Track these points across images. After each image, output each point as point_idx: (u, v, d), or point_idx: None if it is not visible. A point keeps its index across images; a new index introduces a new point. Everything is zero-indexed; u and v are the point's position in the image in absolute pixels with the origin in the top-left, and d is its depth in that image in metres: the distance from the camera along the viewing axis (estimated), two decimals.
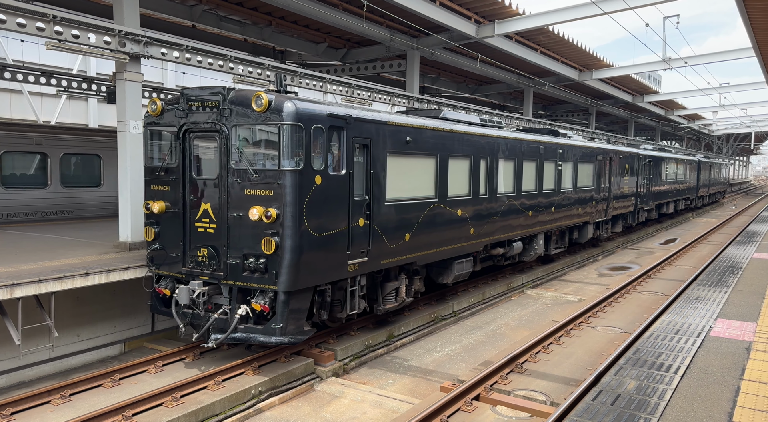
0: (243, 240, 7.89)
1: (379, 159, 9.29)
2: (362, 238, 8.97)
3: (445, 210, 11.16)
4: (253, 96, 7.63)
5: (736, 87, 34.11)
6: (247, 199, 7.82)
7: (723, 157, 54.87)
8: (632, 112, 40.55)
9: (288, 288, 7.72)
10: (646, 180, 24.89)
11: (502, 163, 13.27)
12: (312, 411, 7.56)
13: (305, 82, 13.53)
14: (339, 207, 8.44)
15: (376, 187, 9.25)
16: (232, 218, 7.94)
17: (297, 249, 7.72)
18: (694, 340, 8.14)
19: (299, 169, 7.67)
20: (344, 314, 9.07)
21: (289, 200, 7.62)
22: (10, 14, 8.29)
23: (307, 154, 7.75)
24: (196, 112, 8.22)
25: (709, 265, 15.88)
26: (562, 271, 17.41)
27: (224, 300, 8.17)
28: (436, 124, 10.90)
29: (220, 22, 16.82)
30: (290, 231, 7.65)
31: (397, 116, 9.98)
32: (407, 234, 10.06)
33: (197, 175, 8.41)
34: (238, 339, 7.94)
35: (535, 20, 17.03)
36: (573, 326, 11.11)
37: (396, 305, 10.24)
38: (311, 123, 7.83)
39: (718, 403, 5.98)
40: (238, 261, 7.89)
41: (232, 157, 7.92)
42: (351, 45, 20.16)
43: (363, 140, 8.93)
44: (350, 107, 8.95)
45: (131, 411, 6.77)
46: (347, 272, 8.73)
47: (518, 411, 7.42)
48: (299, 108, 7.68)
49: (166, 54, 10.28)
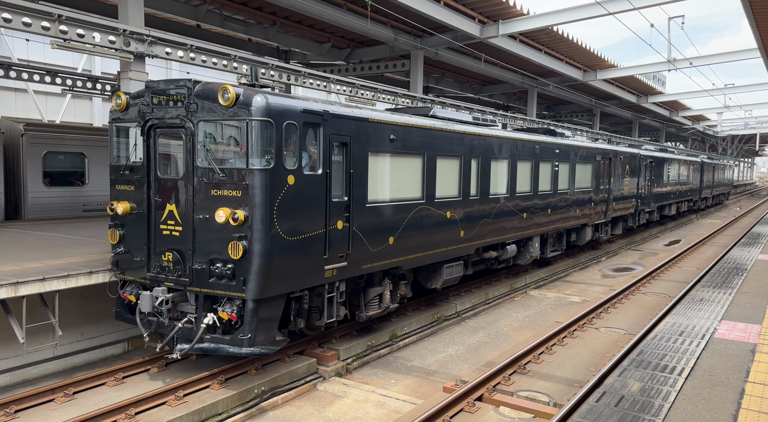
0: (209, 244, 7.39)
1: (360, 158, 8.78)
2: (341, 242, 8.47)
3: (432, 212, 10.64)
4: (220, 89, 7.15)
5: (741, 88, 33.99)
6: (214, 199, 7.33)
7: (727, 158, 54.65)
8: (637, 113, 40.45)
9: (257, 296, 7.22)
10: (648, 181, 24.49)
11: (495, 163, 12.76)
12: (315, 410, 7.56)
13: (309, 81, 13.54)
14: (314, 209, 7.94)
15: (357, 188, 8.74)
16: (198, 220, 7.44)
17: (267, 254, 7.22)
18: (698, 342, 8.11)
19: (269, 168, 7.17)
20: (323, 322, 8.55)
21: (258, 201, 7.13)
22: (16, 13, 8.33)
23: (278, 152, 7.25)
24: (162, 107, 7.73)
25: (713, 267, 15.82)
26: (565, 272, 17.37)
27: (191, 308, 7.70)
28: (422, 121, 10.36)
29: (224, 22, 16.85)
30: (259, 234, 7.15)
31: (380, 113, 9.46)
32: (391, 237, 9.54)
33: (163, 174, 7.90)
34: (205, 349, 7.44)
35: (540, 20, 17.01)
36: (576, 327, 11.08)
37: (380, 312, 9.77)
38: (283, 119, 7.33)
39: (722, 405, 5.95)
40: (205, 266, 7.40)
41: (198, 155, 7.44)
42: (355, 45, 20.17)
43: (342, 138, 8.41)
44: (327, 103, 8.41)
45: (134, 410, 6.79)
46: (324, 278, 8.24)
47: (521, 412, 7.41)
48: (270, 102, 7.18)
49: (170, 53, 10.30)
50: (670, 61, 23.40)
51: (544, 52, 21.69)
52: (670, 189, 28.46)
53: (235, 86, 7.23)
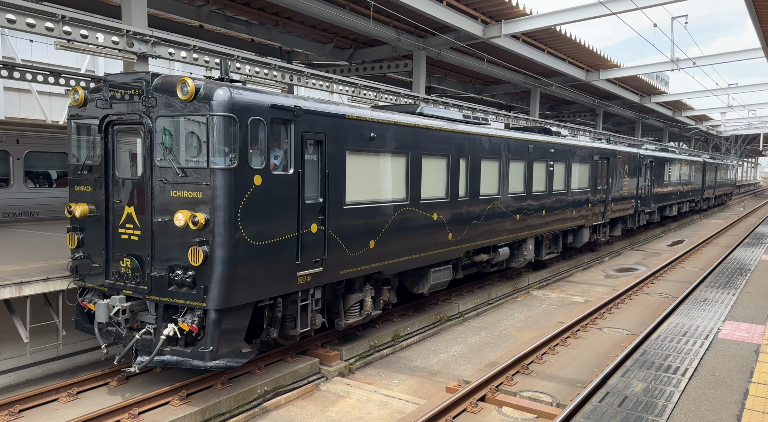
0: (169, 250, 6.91)
1: (337, 157, 8.30)
2: (316, 246, 7.98)
3: (417, 213, 10.13)
4: (179, 82, 6.72)
5: (744, 88, 33.92)
6: (173, 201, 6.85)
7: (730, 158, 54.50)
8: (640, 113, 40.38)
9: (219, 306, 6.74)
10: (648, 181, 24.03)
11: (486, 163, 12.23)
12: (317, 410, 7.57)
13: (311, 82, 13.55)
14: (285, 211, 7.43)
15: (334, 189, 8.25)
16: (157, 224, 6.96)
17: (230, 261, 6.74)
18: (701, 342, 8.09)
19: (232, 167, 6.70)
20: (297, 331, 8.05)
21: (219, 203, 6.65)
22: (20, 14, 8.35)
23: (242, 151, 6.79)
24: (120, 102, 7.23)
25: (717, 267, 15.79)
26: (568, 272, 17.35)
27: (151, 318, 7.23)
28: (406, 119, 9.80)
29: (227, 23, 16.88)
30: (221, 239, 6.68)
31: (359, 109, 8.90)
32: (372, 240, 9.06)
33: (121, 175, 7.45)
34: (167, 362, 6.96)
35: (542, 20, 17.00)
36: (579, 327, 11.07)
37: (360, 319, 9.34)
38: (248, 114, 6.85)
39: (726, 406, 5.94)
40: (164, 273, 6.93)
41: (157, 154, 6.95)
42: (357, 45, 20.19)
43: (316, 135, 7.91)
44: (300, 98, 7.87)
45: (138, 410, 6.80)
46: (297, 285, 7.75)
47: (524, 412, 7.40)
48: (233, 96, 6.73)
49: (173, 54, 10.32)
50: (674, 61, 23.35)
51: (547, 52, 21.67)
52: (671, 189, 28.06)
53: (196, 79, 6.79)
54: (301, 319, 8.07)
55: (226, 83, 6.98)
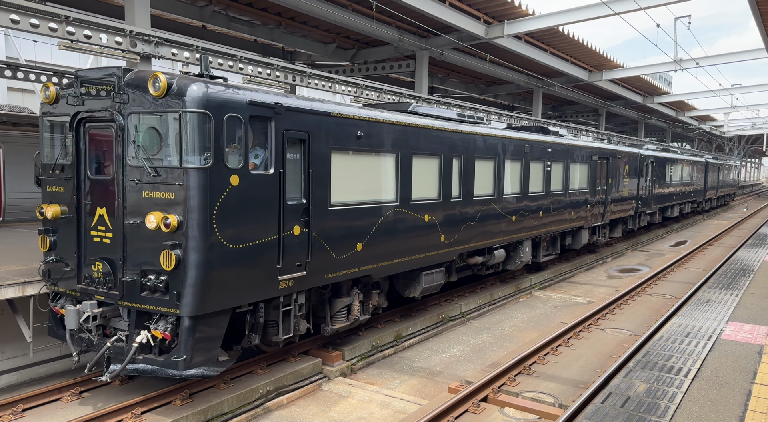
0: (141, 254, 6.62)
1: (322, 156, 7.98)
2: (298, 249, 7.66)
3: (408, 215, 9.81)
4: (150, 77, 6.41)
5: (748, 88, 33.85)
6: (146, 202, 6.57)
7: (733, 158, 54.36)
8: (643, 113, 40.31)
9: (193, 312, 6.44)
10: (649, 182, 23.72)
11: (480, 163, 11.89)
12: (320, 410, 7.58)
13: (314, 82, 13.56)
14: (265, 213, 7.12)
15: (318, 189, 7.95)
16: (129, 226, 6.67)
17: (204, 265, 6.45)
18: (704, 343, 8.07)
19: (207, 166, 6.39)
20: (280, 338, 7.73)
21: (193, 204, 6.35)
22: (24, 15, 8.39)
23: (218, 149, 6.49)
24: (92, 98, 6.93)
25: (720, 268, 15.75)
26: (570, 273, 17.33)
27: (124, 325, 6.94)
28: (395, 117, 9.47)
29: (230, 23, 16.91)
30: (195, 242, 6.38)
31: (345, 107, 8.57)
32: (359, 243, 8.77)
33: (94, 174, 7.12)
34: (141, 371, 6.65)
35: (545, 21, 16.98)
36: (582, 328, 11.06)
37: (348, 325, 9.03)
38: (224, 111, 6.56)
39: (729, 407, 5.93)
40: (136, 278, 6.64)
41: (129, 152, 6.66)
42: (360, 45, 20.20)
43: (299, 134, 7.58)
44: (281, 94, 7.52)
45: (140, 409, 6.82)
46: (278, 289, 7.45)
47: (526, 413, 7.39)
48: (208, 92, 6.44)
49: (176, 54, 10.35)
50: (677, 61, 23.31)
51: (550, 52, 21.65)
52: (672, 190, 27.74)
53: (168, 74, 6.49)
54: (283, 325, 7.78)
55: (201, 78, 6.69)
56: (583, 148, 17.07)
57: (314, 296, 8.61)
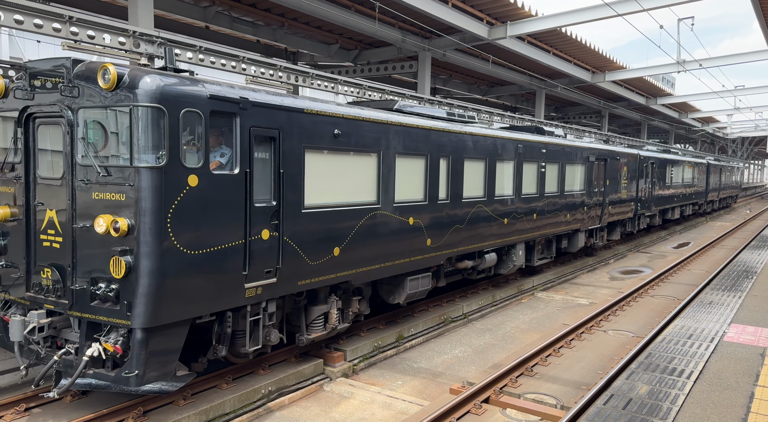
0: (91, 260, 6.16)
1: (294, 155, 7.48)
2: (268, 255, 7.17)
3: (390, 218, 9.34)
4: (100, 68, 5.94)
5: (751, 90, 33.81)
6: (96, 204, 6.11)
7: (736, 160, 54.25)
8: (645, 115, 40.26)
9: (146, 324, 5.96)
10: (649, 183, 23.21)
11: (470, 164, 11.38)
12: (321, 411, 7.58)
13: (317, 83, 13.59)
14: (229, 216, 6.64)
15: (290, 191, 7.44)
16: (78, 230, 6.19)
17: (158, 273, 5.97)
18: (707, 345, 8.06)
19: (161, 166, 5.92)
20: (247, 349, 7.26)
21: (145, 207, 5.88)
22: (28, 15, 8.42)
23: (173, 147, 6.00)
24: (42, 92, 6.44)
25: (722, 270, 15.72)
26: (573, 275, 17.31)
27: (76, 336, 6.47)
28: (376, 115, 9.00)
29: (233, 24, 16.95)
30: (148, 248, 5.90)
31: (320, 103, 8.03)
32: (337, 248, 8.28)
33: (44, 174, 6.64)
34: (94, 386, 6.20)
35: (548, 22, 16.99)
36: (584, 329, 11.04)
37: (325, 334, 8.59)
38: (181, 106, 6.06)
39: (731, 409, 5.91)
40: (86, 286, 6.17)
41: (79, 150, 6.18)
42: (363, 46, 20.23)
43: (268, 131, 7.08)
44: (249, 89, 7.04)
45: (143, 409, 6.83)
46: (245, 298, 6.97)
47: (528, 414, 7.39)
48: (162, 85, 5.96)
49: (179, 55, 10.37)
50: (680, 63, 23.28)
51: (553, 53, 21.65)
52: (673, 192, 27.22)
53: (120, 66, 6.02)
54: (252, 336, 7.34)
55: (156, 70, 6.21)
56: (580, 148, 16.61)
57: (288, 304, 8.14)
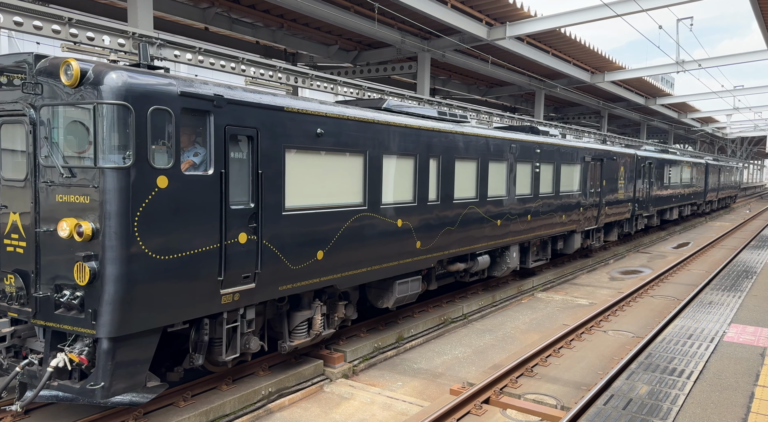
0: (54, 266, 5.88)
1: (273, 156, 7.17)
2: (245, 259, 6.87)
3: (377, 220, 9.04)
4: (62, 64, 5.65)
5: (750, 90, 33.87)
6: (59, 207, 5.83)
7: (735, 160, 54.28)
8: (645, 115, 40.31)
9: (112, 333, 5.68)
10: (646, 184, 22.92)
11: (461, 164, 11.08)
12: (321, 412, 7.58)
13: (316, 84, 13.60)
14: (202, 219, 6.32)
15: (269, 192, 7.13)
16: (42, 234, 5.92)
17: (124, 279, 5.68)
18: (707, 345, 8.06)
19: (127, 166, 5.63)
20: (224, 358, 6.98)
21: (110, 210, 5.59)
22: (27, 17, 8.43)
23: (141, 146, 5.71)
24: (4, 89, 6.18)
25: (722, 270, 15.74)
26: (573, 275, 17.32)
27: (41, 346, 6.19)
28: (362, 114, 8.68)
29: (232, 25, 16.96)
30: (113, 253, 5.62)
31: (301, 101, 7.71)
32: (320, 251, 7.99)
33: (6, 175, 6.36)
34: (60, 398, 5.92)
35: (547, 22, 17.01)
36: (584, 330, 11.04)
37: (309, 340, 8.29)
38: (149, 103, 5.77)
39: (731, 409, 5.92)
40: (50, 293, 5.89)
41: (42, 150, 5.90)
42: (362, 47, 20.24)
43: (245, 130, 6.78)
44: (223, 86, 6.71)
45: (143, 410, 6.83)
46: (221, 305, 6.67)
47: (528, 414, 7.39)
48: (128, 81, 5.65)
49: (179, 56, 10.38)
50: (679, 63, 23.30)
51: (552, 53, 21.67)
52: (671, 192, 26.96)
53: (84, 61, 5.73)
54: (230, 344, 7.04)
55: (122, 66, 5.91)
56: (575, 148, 16.26)
57: (270, 310, 7.87)
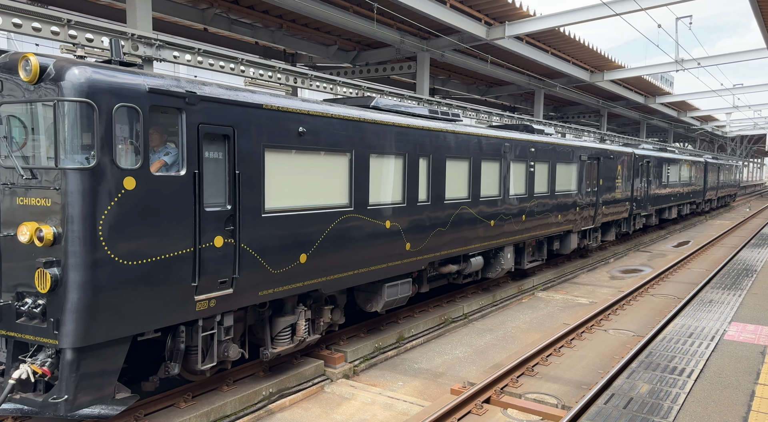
0: (16, 273, 5.62)
1: (252, 155, 6.90)
2: (222, 264, 6.59)
3: (364, 221, 8.81)
4: (20, 59, 5.38)
5: (750, 88, 33.84)
6: (20, 211, 5.56)
7: (735, 158, 54.27)
8: (644, 114, 40.29)
9: (76, 343, 5.38)
10: (644, 183, 22.70)
11: (453, 163, 10.86)
12: (322, 412, 7.58)
13: (315, 84, 13.59)
14: (174, 222, 6.03)
15: (248, 194, 6.85)
16: (3, 239, 5.69)
17: (88, 286, 5.38)
18: (707, 344, 8.06)
19: (90, 167, 5.34)
20: (199, 367, 6.68)
21: (73, 213, 5.29)
22: (26, 18, 8.42)
23: (105, 146, 5.41)
24: None
25: (723, 268, 15.73)
26: (573, 274, 17.32)
27: (3, 357, 5.96)
28: (347, 111, 8.41)
29: (231, 25, 16.95)
30: (76, 259, 5.32)
31: (281, 99, 7.45)
32: (303, 254, 7.72)
33: None
34: (26, 412, 5.63)
35: (546, 22, 17.00)
36: (585, 329, 11.04)
37: (292, 347, 7.98)
38: (114, 100, 5.48)
39: (732, 407, 5.92)
40: (11, 301, 5.64)
41: (2, 150, 5.70)
42: (361, 47, 20.23)
43: (220, 128, 6.51)
44: (197, 82, 6.40)
45: (144, 412, 6.83)
46: (195, 312, 6.39)
47: (529, 414, 7.39)
48: (92, 78, 5.35)
49: (178, 57, 10.38)
50: (678, 62, 23.29)
51: (551, 53, 21.66)
52: (669, 191, 26.74)
53: (45, 56, 5.45)
54: (206, 352, 6.77)
55: (84, 61, 5.61)
56: (571, 147, 16.06)
57: (251, 316, 7.61)
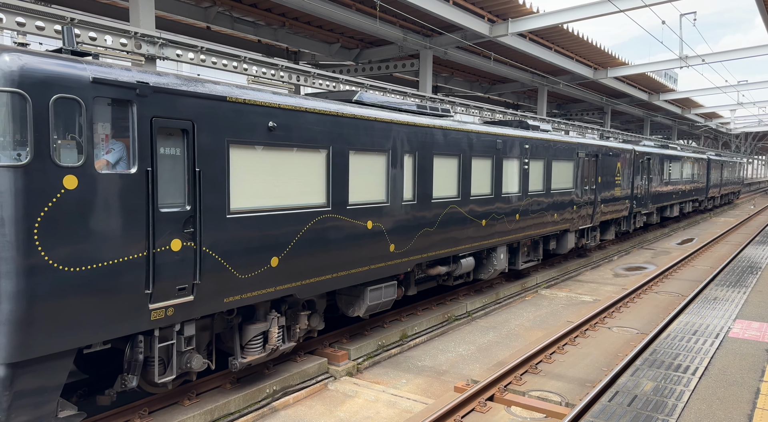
0: None
1: (215, 151, 6.47)
2: (180, 269, 6.14)
3: (343, 222, 8.36)
4: None
5: (754, 85, 33.68)
6: None
7: (739, 155, 54.07)
8: (648, 111, 40.16)
9: (9, 358, 4.94)
10: (645, 180, 22.34)
11: (441, 161, 10.49)
12: (326, 410, 7.59)
13: (318, 82, 13.59)
14: (123, 223, 5.61)
15: (210, 193, 6.43)
16: None
17: (22, 295, 4.94)
18: (712, 341, 8.04)
19: (23, 164, 4.90)
20: (157, 379, 6.25)
21: (3, 215, 4.88)
22: (30, 17, 8.43)
23: (41, 141, 4.99)
24: None
25: (727, 265, 15.68)
26: (576, 272, 17.29)
27: None
28: (324, 106, 7.96)
29: (234, 24, 16.95)
30: (8, 265, 4.90)
31: (248, 91, 6.93)
32: (274, 257, 7.26)
33: None
34: None
35: (550, 19, 16.95)
36: (588, 326, 11.03)
37: (264, 355, 7.52)
38: (51, 91, 5.03)
39: (737, 405, 5.90)
40: None
41: None
42: (364, 45, 20.22)
43: (177, 122, 6.06)
44: (150, 72, 5.97)
45: (148, 409, 6.85)
46: (150, 321, 5.93)
47: (533, 411, 7.38)
48: (24, 66, 4.89)
49: (181, 55, 10.38)
50: (682, 58, 23.20)
51: (554, 50, 21.60)
52: (671, 188, 26.28)
53: None
54: (165, 363, 6.36)
55: (15, 47, 5.14)
56: (568, 143, 15.57)
57: (218, 323, 7.21)
